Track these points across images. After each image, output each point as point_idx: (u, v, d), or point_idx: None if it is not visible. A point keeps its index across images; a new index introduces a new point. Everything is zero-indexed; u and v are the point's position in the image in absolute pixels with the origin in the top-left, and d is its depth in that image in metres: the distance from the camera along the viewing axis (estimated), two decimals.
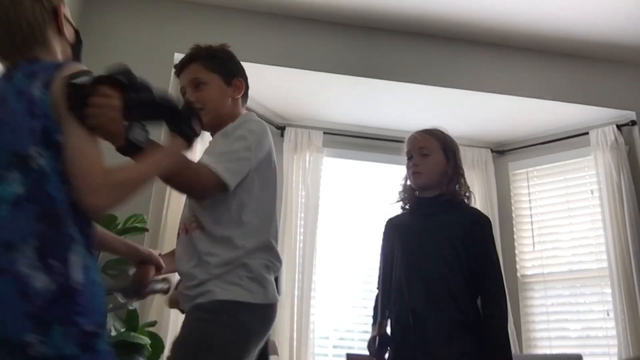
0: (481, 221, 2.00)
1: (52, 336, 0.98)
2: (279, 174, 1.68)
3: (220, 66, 1.65)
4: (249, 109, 1.66)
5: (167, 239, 3.04)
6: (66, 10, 1.31)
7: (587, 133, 3.95)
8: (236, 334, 1.41)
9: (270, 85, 3.71)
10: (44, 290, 0.99)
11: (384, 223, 2.17)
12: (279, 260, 1.57)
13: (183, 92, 1.66)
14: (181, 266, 1.55)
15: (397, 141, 4.23)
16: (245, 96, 1.72)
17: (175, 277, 1.68)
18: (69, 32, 1.32)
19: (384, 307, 2.01)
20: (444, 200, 2.00)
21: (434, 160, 2.01)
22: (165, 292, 1.69)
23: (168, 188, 2.91)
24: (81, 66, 1.19)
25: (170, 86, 3.15)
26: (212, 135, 1.66)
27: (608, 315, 3.64)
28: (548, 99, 3.81)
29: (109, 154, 1.16)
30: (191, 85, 1.63)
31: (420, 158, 2.01)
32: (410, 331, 1.87)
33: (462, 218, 1.97)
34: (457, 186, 2.02)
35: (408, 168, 2.06)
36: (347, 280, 3.98)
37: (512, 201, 4.21)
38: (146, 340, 2.44)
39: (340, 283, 3.95)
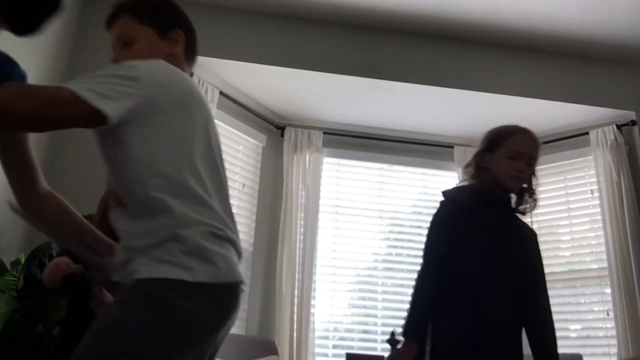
0: (536, 234, 2.14)
1: None
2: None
3: (152, 16, 1.35)
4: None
5: None
6: None
7: (587, 133, 3.95)
8: (160, 319, 1.05)
9: (270, 85, 3.72)
10: None
11: (443, 198, 2.08)
12: (232, 231, 1.20)
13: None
14: None
15: (397, 141, 4.27)
16: (190, 52, 1.40)
17: None
18: None
19: (432, 302, 1.92)
20: (513, 206, 2.10)
21: (532, 173, 2.07)
22: None
23: None
24: None
25: None
26: None
27: (608, 315, 3.64)
28: (548, 99, 3.81)
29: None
30: (119, 43, 1.36)
31: (527, 166, 2.03)
32: (478, 331, 1.88)
33: (528, 229, 2.11)
34: (526, 198, 2.10)
35: (510, 167, 2.02)
36: (347, 280, 3.99)
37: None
38: None
39: (340, 283, 3.95)
